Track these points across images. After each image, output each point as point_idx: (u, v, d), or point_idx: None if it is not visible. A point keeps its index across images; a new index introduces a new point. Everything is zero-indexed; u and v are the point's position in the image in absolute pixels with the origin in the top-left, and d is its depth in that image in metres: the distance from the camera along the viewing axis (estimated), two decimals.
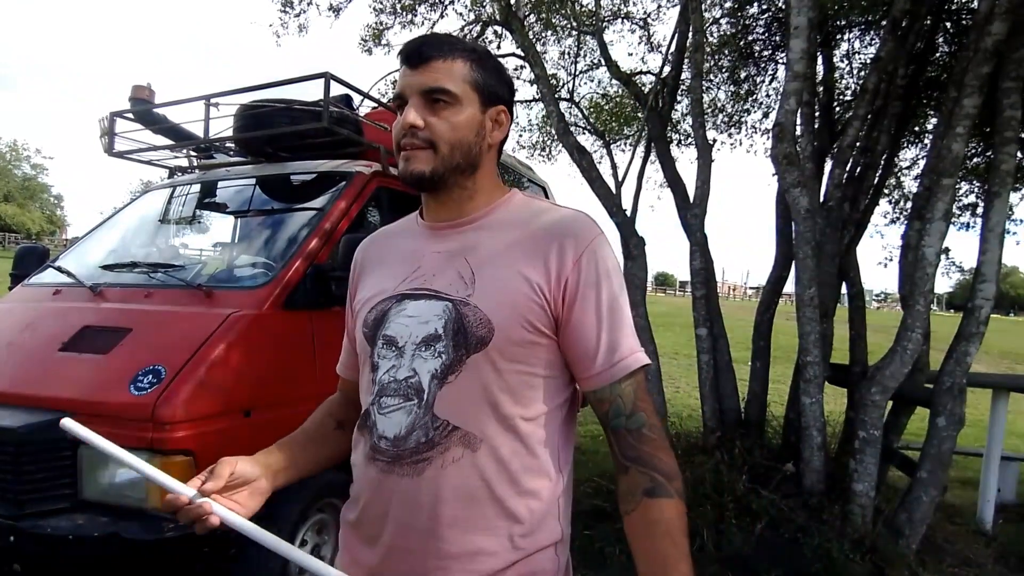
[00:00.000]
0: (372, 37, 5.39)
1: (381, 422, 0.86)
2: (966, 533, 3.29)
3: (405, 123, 0.85)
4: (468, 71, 0.87)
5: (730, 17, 5.09)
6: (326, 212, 2.52)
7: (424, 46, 0.87)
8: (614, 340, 0.85)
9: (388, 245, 1.00)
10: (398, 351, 0.86)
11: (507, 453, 0.84)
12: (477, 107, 0.88)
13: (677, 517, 0.82)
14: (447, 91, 0.85)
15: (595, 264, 0.85)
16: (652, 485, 0.83)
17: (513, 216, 0.91)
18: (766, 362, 3.88)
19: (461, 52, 0.88)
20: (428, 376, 0.83)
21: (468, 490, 0.82)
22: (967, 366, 2.77)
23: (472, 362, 0.82)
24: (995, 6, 2.59)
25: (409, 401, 0.84)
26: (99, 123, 3.25)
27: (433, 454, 0.82)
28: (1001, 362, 13.70)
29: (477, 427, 0.83)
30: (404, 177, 0.88)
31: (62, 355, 2.08)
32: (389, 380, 0.86)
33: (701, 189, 3.71)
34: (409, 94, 0.86)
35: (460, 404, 0.83)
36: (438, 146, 0.85)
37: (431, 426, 0.83)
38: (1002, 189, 2.78)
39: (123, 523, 1.81)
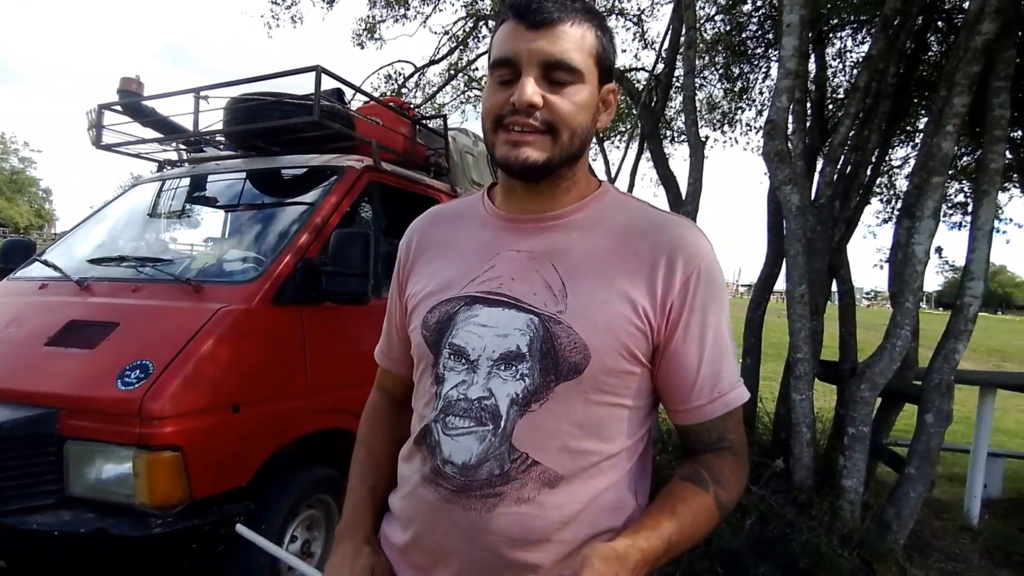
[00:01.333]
0: (365, 31, 5.36)
1: (447, 444, 0.76)
2: (953, 528, 3.32)
3: (522, 100, 0.69)
4: (595, 41, 0.73)
5: (724, 14, 5.10)
6: (317, 207, 2.50)
7: (550, 1, 0.70)
8: (716, 373, 0.75)
9: (452, 230, 0.86)
10: (470, 365, 0.75)
11: (587, 492, 0.75)
12: (595, 84, 0.74)
13: (699, 504, 0.73)
14: (575, 67, 0.71)
15: (705, 286, 0.74)
16: (694, 474, 0.76)
17: (608, 217, 0.79)
18: (757, 359, 3.89)
19: (589, 16, 0.73)
20: (507, 400, 0.73)
21: (543, 532, 0.73)
22: (955, 363, 2.79)
23: (561, 391, 0.72)
24: (985, 6, 2.60)
25: (483, 426, 0.73)
26: (87, 115, 3.22)
27: (507, 489, 0.73)
28: (989, 359, 13.85)
29: (559, 463, 0.73)
30: (508, 165, 0.74)
31: (48, 350, 2.05)
32: (459, 398, 0.75)
33: (693, 186, 3.71)
34: (526, 63, 0.70)
35: (543, 437, 0.73)
36: (559, 131, 0.72)
37: (507, 458, 0.73)
38: (991, 188, 2.80)
39: (110, 519, 1.79)
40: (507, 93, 0.72)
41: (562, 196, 0.79)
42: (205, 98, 2.90)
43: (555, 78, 0.71)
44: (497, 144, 0.74)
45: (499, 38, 0.73)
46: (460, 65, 5.90)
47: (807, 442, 2.95)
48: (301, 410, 2.26)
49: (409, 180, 3.04)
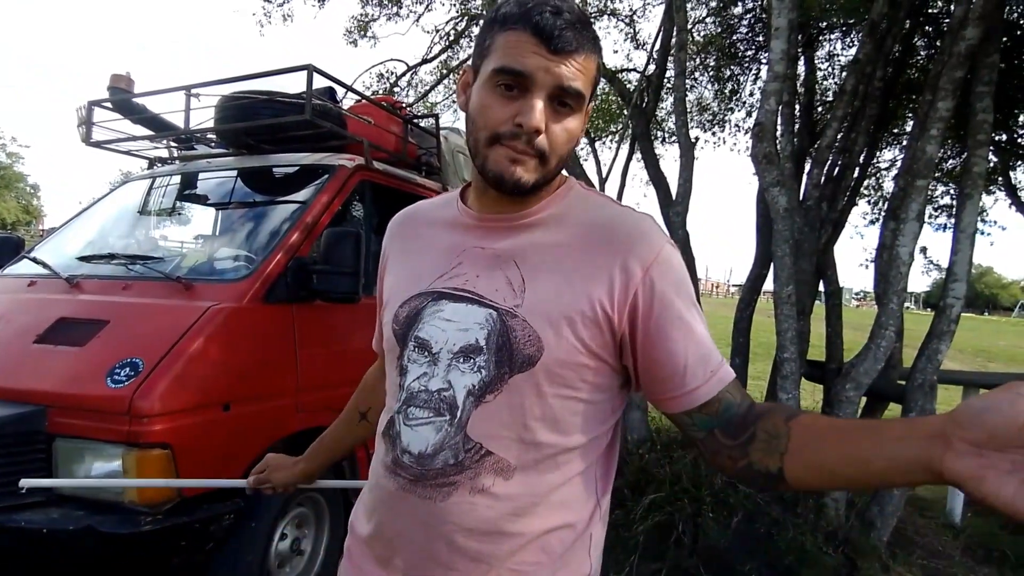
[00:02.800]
0: (357, 29, 5.35)
1: (406, 434, 0.78)
2: (936, 526, 3.37)
3: (531, 125, 0.71)
4: (596, 71, 0.76)
5: (715, 17, 5.13)
6: (308, 205, 2.50)
7: (571, 29, 0.70)
8: (704, 354, 0.75)
9: (425, 229, 0.89)
10: (431, 357, 0.77)
11: (542, 484, 0.76)
12: (584, 111, 0.77)
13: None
14: (581, 96, 0.73)
15: (665, 274, 0.75)
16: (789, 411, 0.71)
17: (572, 214, 0.80)
18: (745, 358, 3.93)
19: (595, 45, 0.74)
20: (464, 392, 0.75)
21: (496, 522, 0.74)
22: (938, 363, 2.84)
23: (514, 383, 0.74)
24: (969, 12, 2.64)
25: (440, 416, 0.75)
26: (77, 112, 3.20)
27: (461, 479, 0.74)
28: (975, 360, 14.01)
29: (512, 454, 0.74)
30: (500, 181, 0.75)
31: (37, 347, 2.05)
32: (420, 389, 0.77)
33: (683, 187, 3.74)
34: (540, 84, 0.71)
35: (495, 427, 0.74)
36: (550, 159, 0.74)
37: (462, 447, 0.74)
38: (974, 191, 2.85)
39: (98, 517, 1.79)
40: (511, 109, 0.72)
41: (532, 200, 0.81)
42: (196, 96, 2.89)
43: (561, 101, 0.73)
44: (491, 157, 0.75)
45: (511, 46, 0.72)
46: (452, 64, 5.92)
47: None
48: (291, 408, 2.26)
49: (401, 179, 3.04)
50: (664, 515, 2.85)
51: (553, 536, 0.77)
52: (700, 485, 2.93)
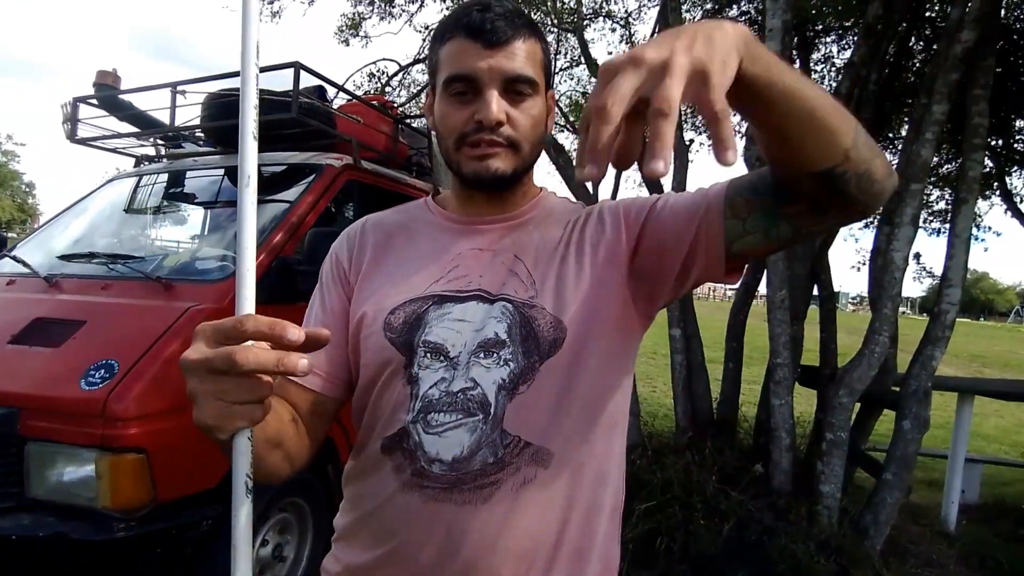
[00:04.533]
0: (349, 27, 5.31)
1: (431, 443, 0.73)
2: (930, 534, 3.33)
3: (490, 118, 0.73)
4: (541, 53, 0.77)
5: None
6: (294, 205, 2.47)
7: (501, 20, 0.73)
8: (689, 189, 0.78)
9: (401, 237, 0.86)
10: (449, 361, 0.74)
11: (577, 468, 0.75)
12: (543, 94, 0.79)
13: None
14: (532, 81, 0.75)
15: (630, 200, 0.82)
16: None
17: (551, 212, 0.85)
18: (739, 363, 3.90)
19: (532, 30, 0.76)
20: (494, 387, 0.73)
21: (542, 514, 0.73)
22: (932, 370, 2.80)
23: (546, 369, 0.73)
24: (965, 15, 2.61)
25: (472, 416, 0.72)
26: (62, 109, 3.15)
27: (503, 476, 0.72)
28: (970, 365, 14.02)
29: (551, 441, 0.74)
30: (480, 178, 0.77)
31: (11, 348, 2.00)
32: (440, 394, 0.73)
33: (677, 189, 3.71)
34: (487, 80, 0.73)
35: (531, 417, 0.73)
36: (521, 145, 0.76)
37: (500, 443, 0.72)
38: (969, 196, 2.82)
39: (71, 523, 1.74)
40: (468, 110, 0.74)
41: (520, 199, 0.85)
42: (183, 93, 2.85)
43: (516, 90, 0.75)
44: (463, 160, 0.77)
45: (452, 55, 0.75)
46: None
47: (786, 447, 2.95)
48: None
49: (390, 179, 3.01)
50: (654, 522, 2.81)
51: (592, 513, 0.77)
52: (691, 491, 2.89)
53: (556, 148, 4.15)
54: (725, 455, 3.21)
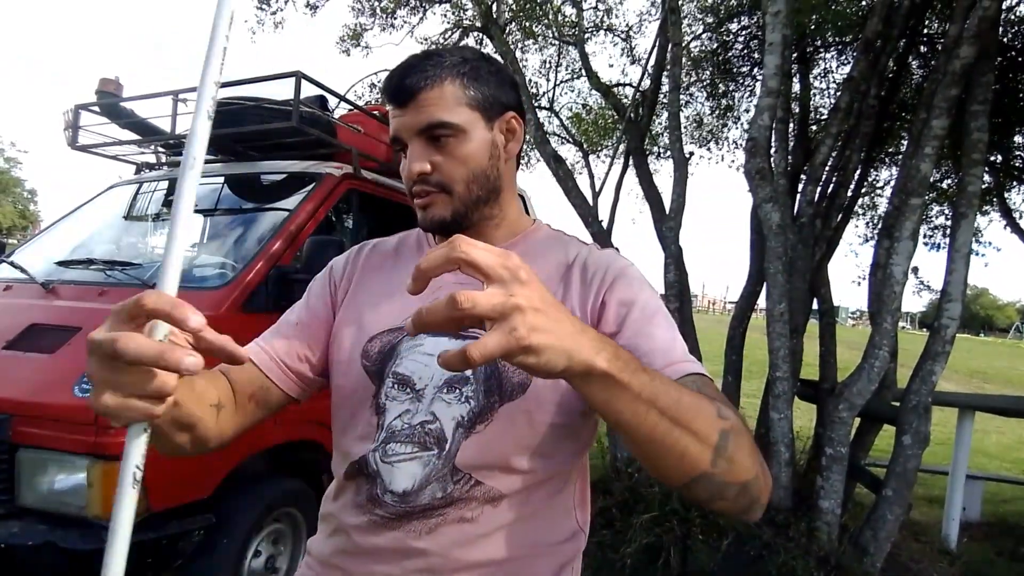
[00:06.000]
0: (350, 38, 5.35)
1: (387, 472, 0.74)
2: (931, 551, 3.30)
3: (411, 172, 0.76)
4: (461, 91, 0.77)
5: (710, 33, 5.14)
6: (293, 213, 2.46)
7: (406, 79, 0.76)
8: (665, 349, 0.71)
9: (391, 263, 0.88)
10: (415, 394, 0.75)
11: (528, 512, 0.75)
12: (483, 126, 0.78)
13: (690, 393, 0.58)
14: (445, 124, 0.76)
15: (630, 283, 0.77)
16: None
17: (541, 250, 0.83)
18: (738, 376, 3.88)
19: (448, 71, 0.77)
20: (452, 423, 0.74)
21: (486, 553, 0.73)
22: (932, 385, 2.79)
23: (505, 411, 0.73)
24: (964, 31, 2.63)
25: (427, 451, 0.73)
26: (64, 116, 3.17)
27: (449, 511, 0.73)
28: (971, 381, 13.97)
29: (501, 483, 0.74)
30: (426, 227, 0.81)
31: (5, 354, 1.99)
32: (402, 426, 0.75)
33: (677, 202, 3.71)
34: (407, 137, 0.77)
35: (486, 457, 0.73)
36: (452, 187, 0.77)
37: (450, 479, 0.73)
38: (969, 211, 2.82)
39: (60, 532, 1.73)
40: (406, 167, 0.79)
41: (492, 232, 0.84)
42: (184, 101, 2.86)
43: (435, 135, 0.76)
44: (416, 210, 0.81)
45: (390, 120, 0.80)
46: None
47: (785, 462, 2.93)
48: (270, 421, 2.20)
49: (390, 189, 3.01)
50: (653, 537, 2.78)
51: (540, 561, 0.77)
52: (690, 506, 2.86)
53: (556, 160, 4.16)
54: None
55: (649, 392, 0.53)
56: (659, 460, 0.56)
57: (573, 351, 0.49)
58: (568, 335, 0.49)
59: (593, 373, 0.50)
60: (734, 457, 0.57)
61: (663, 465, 0.56)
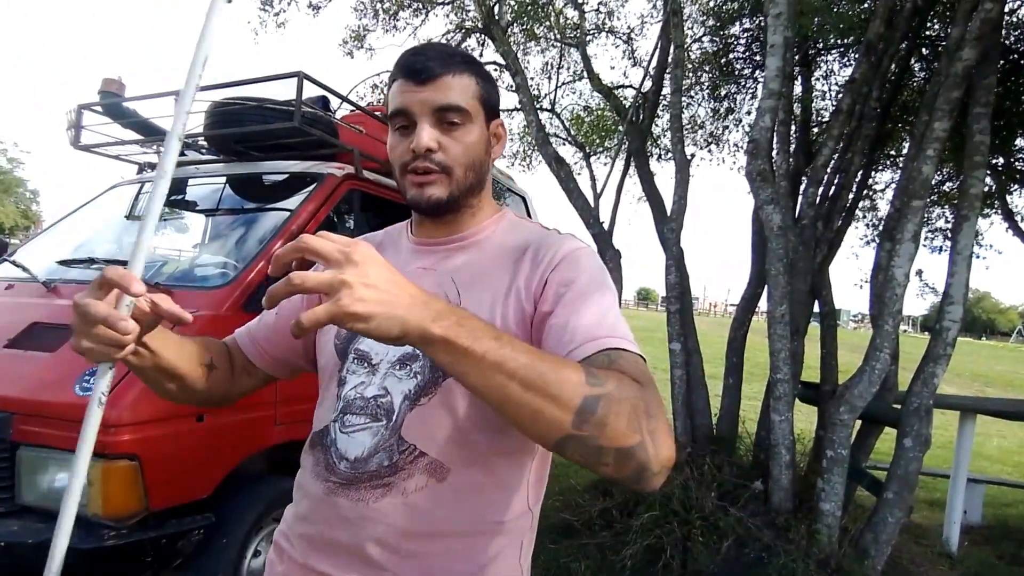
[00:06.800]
0: (353, 39, 5.35)
1: (342, 441, 0.80)
2: (932, 555, 3.29)
3: (419, 146, 0.79)
4: (476, 86, 0.83)
5: (712, 35, 5.14)
6: (294, 213, 2.47)
7: (432, 60, 0.80)
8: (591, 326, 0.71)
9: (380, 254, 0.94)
10: (370, 368, 0.81)
11: (475, 487, 0.78)
12: (483, 123, 0.85)
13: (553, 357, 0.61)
14: (461, 109, 0.80)
15: (570, 266, 0.79)
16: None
17: (502, 236, 0.88)
18: (739, 379, 3.87)
19: (466, 65, 0.83)
20: (400, 397, 0.78)
21: (429, 523, 0.77)
22: (934, 387, 2.78)
23: (447, 385, 0.77)
24: (966, 33, 2.63)
25: (377, 422, 0.78)
26: (66, 115, 3.17)
27: (395, 480, 0.77)
28: (972, 384, 13.94)
29: (446, 456, 0.77)
30: (418, 204, 0.83)
31: (7, 352, 1.99)
32: (355, 397, 0.80)
33: (678, 204, 3.71)
34: (419, 112, 0.80)
35: (430, 429, 0.77)
36: (453, 170, 0.81)
37: (396, 449, 0.77)
38: (971, 213, 2.81)
39: None
40: (408, 141, 0.81)
41: (467, 221, 0.88)
42: None
43: (447, 119, 0.80)
44: (406, 186, 0.83)
45: (393, 93, 0.82)
46: None
47: (786, 464, 2.92)
48: (269, 420, 2.20)
49: (391, 189, 3.00)
50: (653, 538, 2.77)
51: (485, 538, 0.80)
52: (690, 508, 2.86)
53: (557, 161, 4.16)
54: (724, 471, 3.18)
55: (495, 356, 0.57)
56: (516, 420, 0.59)
57: (407, 319, 0.55)
58: (401, 305, 0.55)
59: (431, 339, 0.56)
60: (605, 421, 0.58)
61: (522, 425, 0.60)
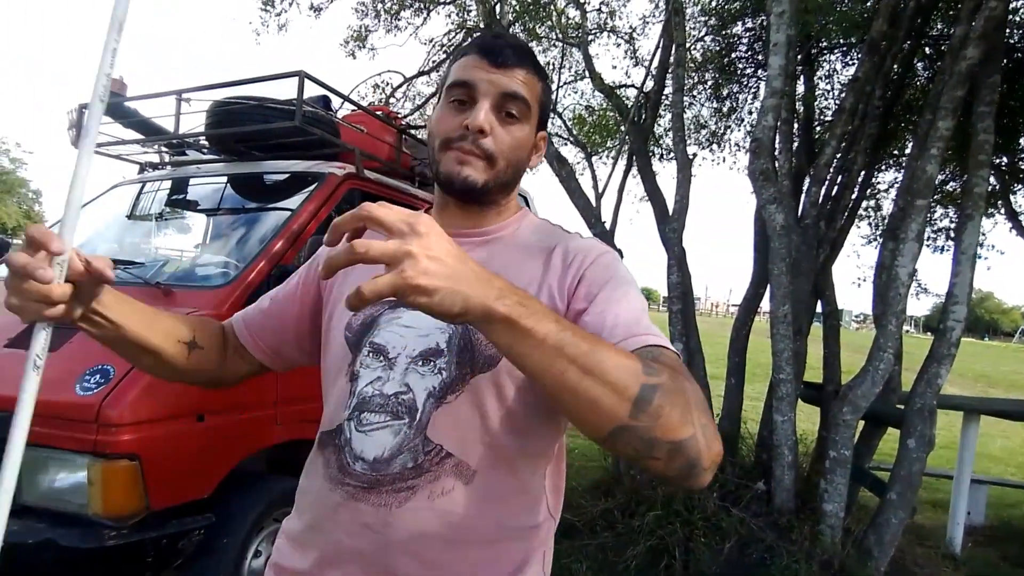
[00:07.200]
0: (355, 40, 5.35)
1: (358, 440, 0.75)
2: (935, 556, 3.27)
3: (475, 123, 0.77)
4: (541, 92, 0.84)
5: (714, 35, 5.13)
6: (295, 213, 2.46)
7: (513, 49, 0.80)
8: (629, 323, 0.70)
9: None
10: (387, 362, 0.77)
11: (500, 491, 0.76)
12: (534, 127, 0.84)
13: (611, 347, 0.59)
14: (526, 102, 0.80)
15: (601, 269, 0.79)
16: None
17: (524, 235, 0.87)
18: (741, 379, 3.86)
19: (539, 69, 0.83)
20: (424, 394, 0.75)
21: (455, 529, 0.73)
22: (938, 388, 2.77)
23: (476, 383, 0.74)
24: (970, 31, 2.61)
25: (399, 420, 0.74)
26: (67, 115, 3.17)
27: (420, 482, 0.73)
28: (976, 385, 13.91)
29: (473, 457, 0.74)
30: (451, 180, 0.80)
31: (8, 352, 1.99)
32: (374, 393, 0.76)
33: (680, 203, 3.70)
34: (483, 91, 0.78)
35: (458, 428, 0.74)
36: (497, 160, 0.79)
37: (421, 450, 0.73)
38: (975, 212, 2.80)
39: (60, 530, 1.72)
40: (461, 117, 0.78)
41: (491, 217, 0.87)
42: (187, 100, 2.86)
43: (507, 109, 0.79)
44: (443, 160, 0.80)
45: (461, 66, 0.80)
46: None
47: (789, 464, 2.91)
48: (269, 420, 2.20)
49: (393, 189, 3.00)
50: (656, 539, 2.76)
51: (510, 545, 0.78)
52: (693, 508, 2.85)
53: (559, 161, 4.15)
54: (726, 472, 3.16)
55: (556, 339, 0.55)
56: (572, 408, 0.56)
57: (470, 295, 0.52)
58: (465, 281, 0.52)
59: (493, 317, 0.53)
60: (660, 412, 0.56)
61: (578, 413, 0.57)
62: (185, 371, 0.86)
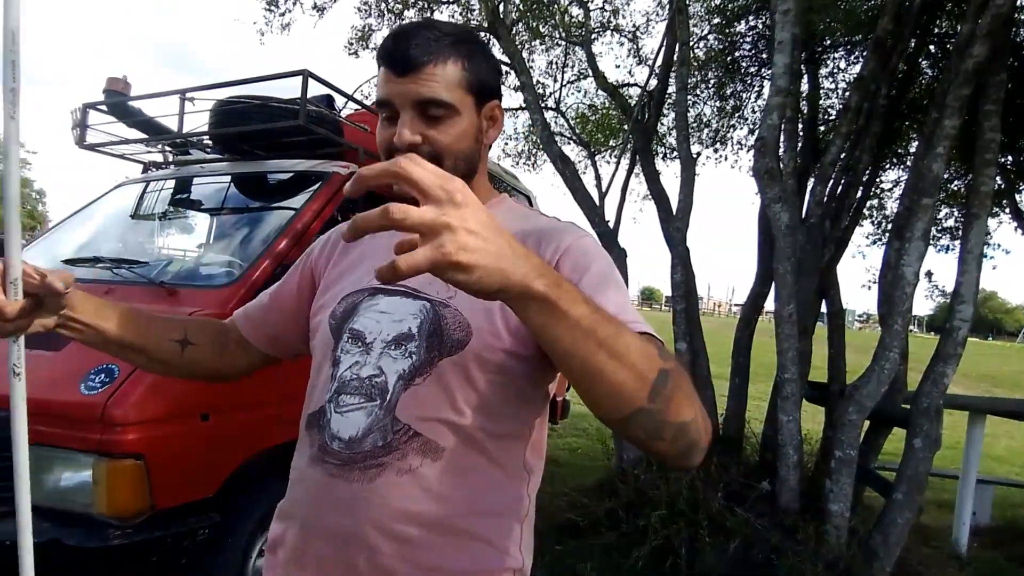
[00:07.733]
0: (358, 39, 5.35)
1: (336, 421, 0.79)
2: (941, 556, 3.27)
3: (402, 141, 0.77)
4: (461, 72, 0.79)
5: (718, 33, 5.12)
6: (299, 212, 2.46)
7: (411, 48, 0.77)
8: (618, 308, 0.69)
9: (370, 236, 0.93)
10: (364, 347, 0.80)
11: (468, 468, 0.78)
12: (473, 110, 0.82)
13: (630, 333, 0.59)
14: (444, 103, 0.78)
15: (585, 252, 0.79)
16: None
17: (505, 219, 0.83)
18: (745, 378, 3.85)
19: (451, 50, 0.78)
20: (395, 376, 0.78)
21: (423, 505, 0.76)
22: (944, 387, 2.75)
23: (443, 366, 0.77)
24: (976, 29, 2.60)
25: (371, 401, 0.78)
26: (71, 114, 3.17)
27: (389, 460, 0.76)
28: (980, 384, 13.86)
29: (441, 436, 0.77)
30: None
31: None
32: (351, 377, 0.80)
33: (684, 202, 3.69)
34: (400, 105, 0.78)
35: (424, 409, 0.77)
36: (443, 159, 0.79)
37: (390, 429, 0.77)
38: (981, 211, 2.78)
39: (65, 529, 1.72)
40: (391, 132, 0.79)
41: None
42: (191, 100, 2.86)
43: (430, 114, 0.78)
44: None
45: (378, 81, 0.81)
46: None
47: (794, 464, 2.90)
48: (274, 419, 2.19)
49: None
50: (660, 539, 2.75)
51: (481, 521, 0.79)
52: (697, 508, 2.84)
53: (563, 160, 4.14)
54: (731, 472, 3.15)
55: (589, 322, 0.55)
56: (597, 391, 0.57)
57: (509, 272, 0.50)
58: (505, 257, 0.50)
59: (531, 296, 0.52)
60: (672, 396, 0.59)
61: (601, 396, 0.58)
62: (181, 366, 0.93)
